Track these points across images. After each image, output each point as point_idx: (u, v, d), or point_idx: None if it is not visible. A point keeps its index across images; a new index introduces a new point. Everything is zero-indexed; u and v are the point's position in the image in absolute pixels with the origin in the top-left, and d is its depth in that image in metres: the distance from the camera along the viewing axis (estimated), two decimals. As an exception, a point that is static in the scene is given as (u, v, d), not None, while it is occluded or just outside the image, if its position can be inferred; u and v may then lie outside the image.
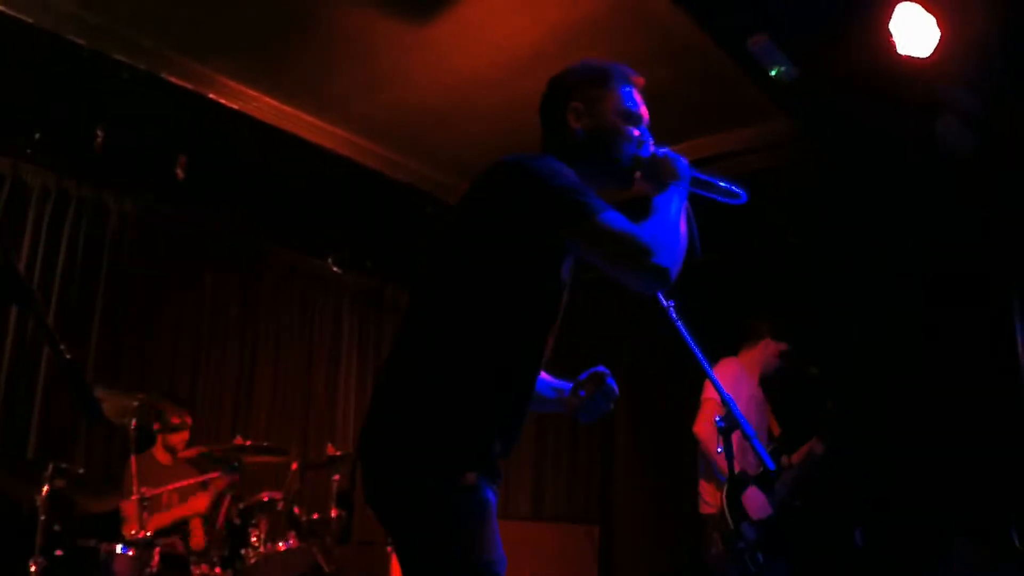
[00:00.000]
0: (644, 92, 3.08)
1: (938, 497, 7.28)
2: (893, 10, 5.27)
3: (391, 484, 2.58)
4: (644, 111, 3.05)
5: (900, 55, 5.39)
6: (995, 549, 6.87)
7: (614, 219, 2.59)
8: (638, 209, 2.74)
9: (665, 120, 7.14)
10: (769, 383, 6.07)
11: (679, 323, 3.19)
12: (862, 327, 7.90)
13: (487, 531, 2.54)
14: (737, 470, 5.49)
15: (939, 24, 5.27)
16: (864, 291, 7.95)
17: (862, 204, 7.43)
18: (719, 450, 5.53)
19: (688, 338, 3.18)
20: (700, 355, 3.23)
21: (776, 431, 6.08)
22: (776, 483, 5.64)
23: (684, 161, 2.94)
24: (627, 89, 3.03)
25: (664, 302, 3.19)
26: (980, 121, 5.97)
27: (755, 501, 5.46)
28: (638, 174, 2.95)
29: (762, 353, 6.04)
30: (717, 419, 3.20)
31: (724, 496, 5.50)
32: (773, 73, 5.94)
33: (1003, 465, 7.10)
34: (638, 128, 3.01)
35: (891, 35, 5.33)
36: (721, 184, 3.02)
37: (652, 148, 2.97)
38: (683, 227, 2.76)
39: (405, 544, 2.61)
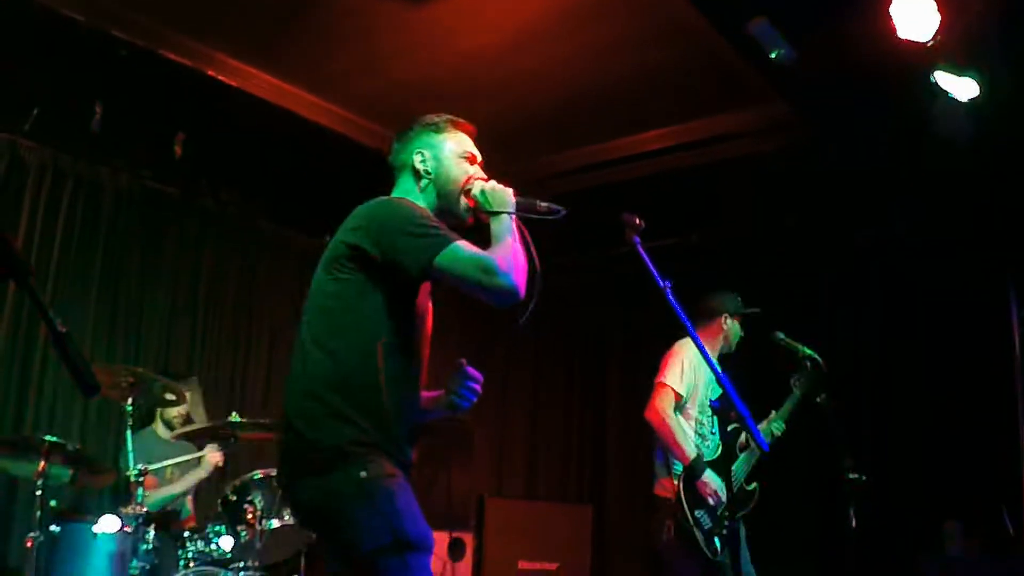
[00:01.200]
0: (479, 136, 3.58)
1: (931, 482, 7.31)
2: (893, -6, 5.26)
3: (323, 481, 2.98)
4: (476, 153, 3.54)
5: (900, 39, 5.38)
6: (987, 534, 6.90)
7: (465, 247, 3.07)
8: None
9: (662, 102, 7.22)
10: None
11: (675, 303, 3.22)
12: (857, 312, 7.91)
13: (415, 509, 2.99)
14: (692, 456, 5.44)
15: (939, 8, 5.27)
16: (860, 277, 7.96)
17: (859, 189, 7.43)
18: (713, 431, 5.54)
19: (684, 317, 3.20)
20: (694, 334, 3.26)
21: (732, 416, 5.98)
22: (733, 466, 5.60)
23: (510, 191, 3.36)
24: (460, 135, 3.55)
25: (661, 282, 3.23)
26: (976, 110, 5.96)
27: (710, 486, 5.39)
28: (473, 205, 3.40)
29: (719, 331, 5.93)
30: (711, 400, 3.21)
31: (680, 482, 5.44)
32: (772, 56, 5.93)
33: (996, 451, 7.12)
34: (471, 167, 3.49)
35: (891, 19, 5.32)
36: (541, 205, 3.38)
37: (482, 183, 3.41)
38: (519, 250, 3.18)
39: (340, 534, 3.01)
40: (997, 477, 7.07)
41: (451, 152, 3.49)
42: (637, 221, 3.33)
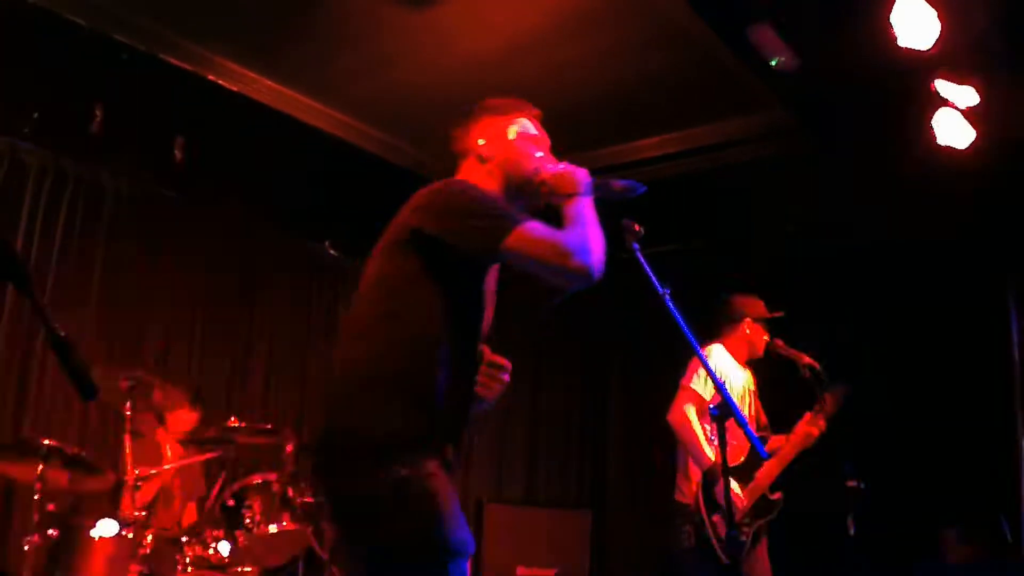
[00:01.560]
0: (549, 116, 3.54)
1: (929, 489, 7.30)
2: (894, 2, 5.27)
3: (362, 477, 2.83)
4: (544, 136, 3.47)
5: (900, 47, 5.39)
6: (985, 542, 6.89)
7: (536, 227, 2.94)
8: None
9: (663, 108, 7.22)
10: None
11: (674, 310, 3.21)
12: (857, 317, 7.91)
13: (457, 511, 2.87)
14: (716, 461, 5.38)
15: (940, 17, 5.27)
16: (860, 282, 7.95)
17: (858, 194, 7.43)
18: (712, 439, 5.51)
19: (683, 324, 3.19)
20: (694, 341, 3.25)
21: (763, 420, 5.95)
22: (756, 472, 5.54)
23: (583, 172, 3.22)
24: (524, 119, 3.44)
25: (660, 289, 3.22)
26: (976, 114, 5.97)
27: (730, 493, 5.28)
28: (544, 189, 3.26)
29: (743, 337, 5.91)
30: (711, 407, 3.20)
31: (700, 488, 5.40)
32: (773, 63, 5.93)
33: (994, 459, 7.13)
34: (540, 151, 3.39)
35: (892, 27, 5.33)
36: (617, 184, 3.24)
37: (552, 166, 3.30)
38: (596, 231, 3.04)
39: (375, 534, 2.85)
40: (995, 485, 7.08)
41: (516, 135, 3.39)
42: (636, 227, 3.33)
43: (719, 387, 3.30)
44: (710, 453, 5.35)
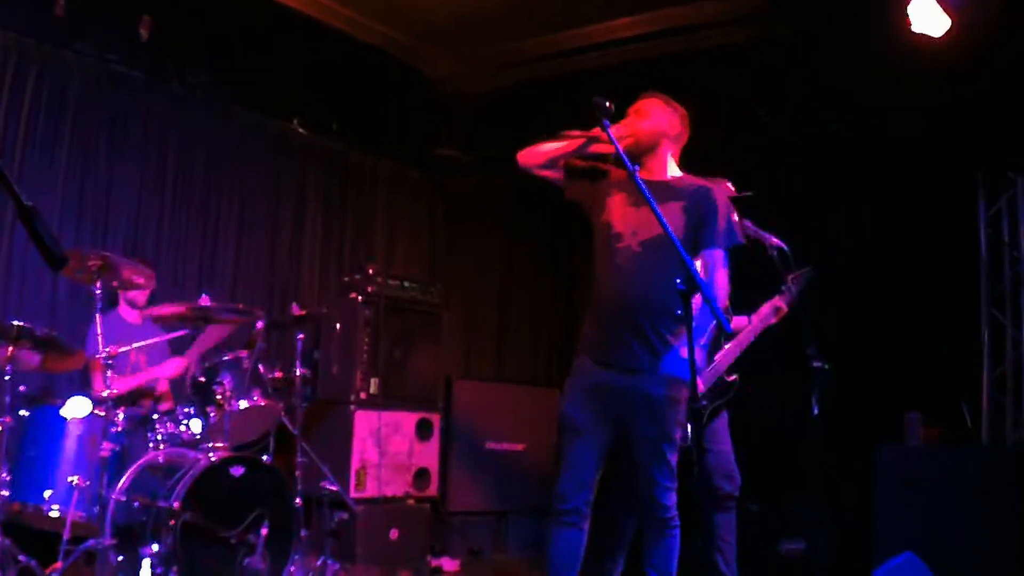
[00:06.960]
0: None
1: (893, 375, 7.41)
2: None
3: None
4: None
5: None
6: (946, 426, 7.03)
7: None
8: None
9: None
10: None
11: (643, 184, 3.23)
12: (826, 206, 7.95)
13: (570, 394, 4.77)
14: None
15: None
16: (830, 171, 7.97)
17: (831, 82, 7.39)
18: (677, 312, 5.50)
19: (651, 198, 3.21)
20: (659, 213, 3.26)
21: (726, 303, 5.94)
22: (715, 355, 5.54)
23: None
24: None
25: (630, 165, 3.23)
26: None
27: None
28: None
29: None
30: (677, 281, 3.20)
31: None
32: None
33: (957, 346, 7.24)
34: None
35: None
36: None
37: None
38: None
39: None
40: (957, 372, 7.21)
41: None
42: (608, 104, 3.32)
43: (687, 262, 3.30)
44: None
